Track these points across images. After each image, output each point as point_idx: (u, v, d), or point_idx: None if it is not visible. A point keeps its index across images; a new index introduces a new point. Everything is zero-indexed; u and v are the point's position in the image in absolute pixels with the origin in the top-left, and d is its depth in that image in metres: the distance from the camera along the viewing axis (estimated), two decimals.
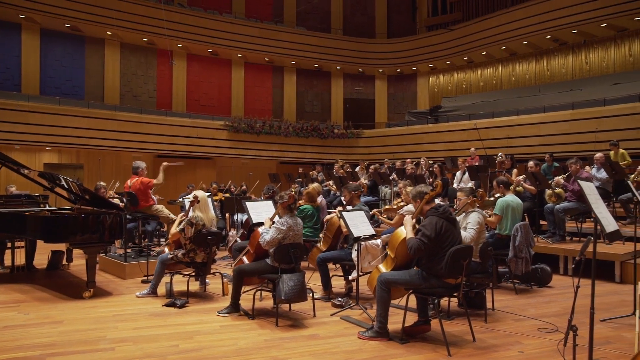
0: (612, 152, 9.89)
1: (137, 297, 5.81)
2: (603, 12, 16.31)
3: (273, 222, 5.03)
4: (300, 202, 7.73)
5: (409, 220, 4.22)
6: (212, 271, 6.10)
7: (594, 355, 3.83)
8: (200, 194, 5.77)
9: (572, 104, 15.19)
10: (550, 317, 5.05)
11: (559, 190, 7.88)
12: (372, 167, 11.81)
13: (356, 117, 22.37)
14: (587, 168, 9.19)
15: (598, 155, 9.21)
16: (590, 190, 2.94)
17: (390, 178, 10.66)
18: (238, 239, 7.42)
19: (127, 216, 7.57)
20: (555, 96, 16.68)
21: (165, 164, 7.53)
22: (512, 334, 4.49)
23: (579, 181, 2.87)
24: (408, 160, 12.70)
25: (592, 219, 8.59)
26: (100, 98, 18.84)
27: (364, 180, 11.27)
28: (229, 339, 4.33)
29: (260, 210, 5.95)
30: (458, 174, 10.63)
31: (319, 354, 3.96)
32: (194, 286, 6.35)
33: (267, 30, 21.36)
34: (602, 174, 8.90)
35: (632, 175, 8.75)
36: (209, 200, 6.50)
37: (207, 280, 6.37)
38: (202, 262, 5.71)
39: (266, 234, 4.90)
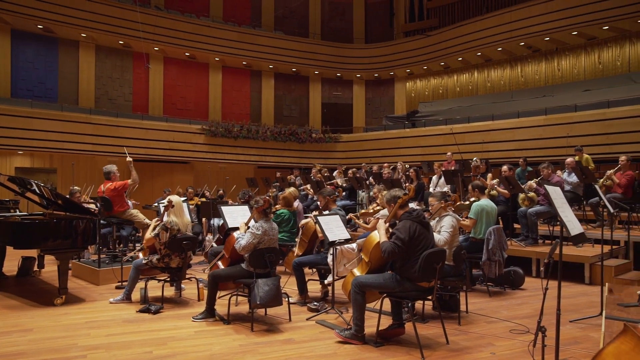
0: (576, 157, 10.12)
1: (111, 303, 5.73)
2: (574, 20, 16.71)
3: (248, 227, 5.02)
4: (277, 206, 7.73)
5: (382, 225, 4.26)
6: (187, 276, 6.06)
7: (562, 355, 3.92)
8: (175, 198, 5.72)
9: (545, 109, 15.49)
10: (522, 318, 5.15)
11: (531, 194, 8.03)
12: (349, 171, 11.86)
13: (334, 122, 22.45)
14: (559, 172, 9.40)
15: (569, 160, 9.44)
16: (556, 195, 3.01)
17: (367, 182, 10.73)
18: (214, 244, 7.37)
19: (102, 221, 7.46)
20: (529, 102, 17.01)
21: (128, 159, 7.40)
22: (485, 336, 4.55)
23: (546, 185, 2.94)
24: (385, 164, 12.80)
25: None
26: (74, 101, 18.52)
27: (339, 182, 11.32)
28: (203, 344, 4.30)
29: (236, 215, 5.93)
30: (434, 178, 10.74)
31: (294, 359, 3.96)
32: (169, 291, 6.29)
33: (245, 34, 21.31)
34: (573, 178, 9.12)
35: (601, 180, 8.97)
36: (185, 204, 6.45)
37: (182, 286, 6.31)
38: (177, 267, 5.67)
39: (241, 239, 4.89)
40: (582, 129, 14.02)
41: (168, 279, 5.82)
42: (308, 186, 11.57)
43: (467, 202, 6.40)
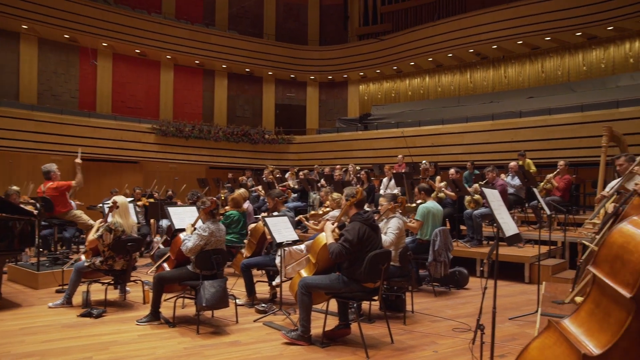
0: (520, 162, 10.54)
1: (50, 307, 5.50)
2: (519, 30, 17.41)
3: (195, 228, 4.94)
4: (226, 207, 7.65)
5: (329, 226, 4.29)
6: (132, 279, 5.91)
7: (501, 351, 4.08)
8: (119, 199, 5.56)
9: (492, 115, 16.03)
10: (464, 317, 5.30)
11: (477, 196, 8.28)
12: (301, 173, 11.88)
13: (287, 123, 22.42)
14: (503, 176, 9.74)
15: (512, 164, 9.80)
16: (493, 197, 3.13)
17: (319, 184, 10.77)
18: (161, 245, 7.21)
19: (42, 222, 7.15)
20: (477, 107, 17.57)
21: (77, 160, 7.15)
22: (429, 335, 4.66)
23: (483, 188, 3.05)
24: (338, 166, 12.89)
25: None
26: (14, 96, 17.66)
27: (291, 183, 11.33)
28: (147, 348, 4.20)
29: (184, 216, 5.83)
30: (385, 180, 10.91)
31: None
32: (113, 295, 6.10)
33: (198, 32, 20.98)
34: (516, 182, 9.48)
35: (542, 184, 9.37)
36: (131, 205, 6.29)
37: (127, 289, 6.14)
38: (121, 269, 5.51)
39: (188, 240, 4.81)
40: (526, 135, 14.60)
41: (112, 282, 5.64)
42: (259, 187, 11.51)
43: (414, 205, 6.54)
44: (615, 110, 13.34)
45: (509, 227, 3.15)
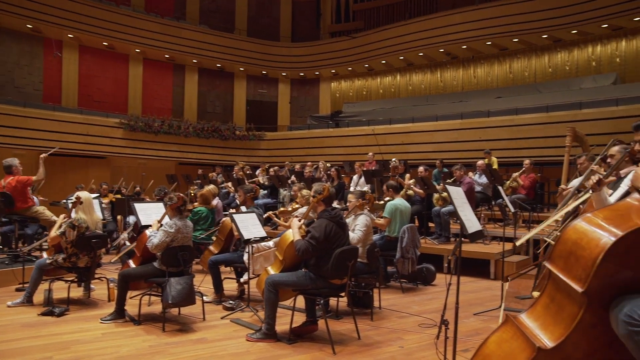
0: (486, 160, 10.74)
1: (9, 306, 5.33)
2: (488, 31, 17.71)
3: (161, 225, 4.87)
4: (195, 204, 7.58)
5: (296, 223, 4.29)
6: (97, 276, 5.79)
7: (465, 346, 4.15)
8: (83, 194, 5.44)
9: (461, 114, 16.28)
10: (431, 313, 5.38)
11: (445, 194, 8.40)
12: (271, 169, 11.84)
13: (258, 120, 22.31)
14: (471, 174, 9.91)
15: (480, 162, 9.99)
16: (456, 195, 3.19)
17: (289, 181, 10.76)
18: (127, 242, 7.09)
19: (3, 219, 6.94)
20: (447, 106, 17.82)
21: (43, 155, 6.98)
22: (395, 331, 4.72)
23: (447, 186, 3.10)
24: (309, 163, 12.90)
25: None
26: None
27: (261, 180, 11.28)
28: (110, 346, 4.13)
29: (150, 212, 5.74)
30: (355, 177, 10.96)
31: (205, 358, 3.90)
32: (78, 293, 5.97)
33: (168, 26, 20.64)
34: (483, 180, 9.66)
35: (508, 182, 9.58)
36: (96, 201, 6.16)
37: (92, 286, 6.01)
38: (85, 267, 5.39)
39: (154, 237, 4.74)
40: (494, 134, 14.88)
41: (75, 280, 5.52)
42: (229, 184, 11.43)
43: (382, 202, 6.59)
44: (578, 112, 13.72)
45: (472, 224, 3.21)
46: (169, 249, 4.68)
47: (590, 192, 2.77)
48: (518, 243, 4.31)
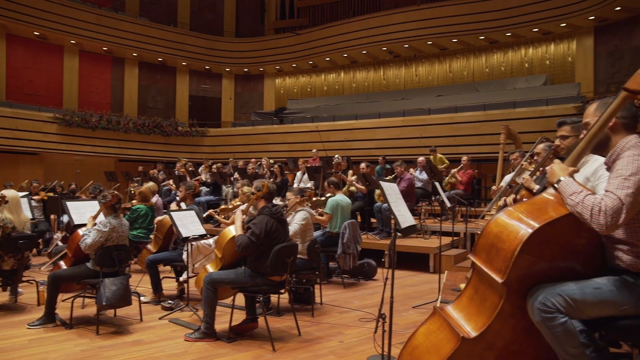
0: (431, 157, 11.04)
1: None
2: (428, 31, 18.21)
3: (95, 223, 4.69)
4: (133, 201, 7.36)
5: (239, 215, 4.25)
6: (25, 279, 5.50)
7: (403, 339, 4.23)
8: (9, 193, 5.16)
9: (403, 111, 16.66)
10: (371, 307, 5.46)
11: None
12: (214, 166, 11.67)
13: (202, 115, 21.90)
14: (412, 170, 10.16)
15: (420, 159, 10.24)
16: (390, 190, 3.26)
17: (232, 178, 10.64)
18: (59, 242, 6.79)
19: None
20: (390, 103, 18.17)
21: None
22: (336, 326, 4.76)
23: (380, 182, 3.17)
24: (253, 160, 12.80)
25: (415, 216, 9.45)
26: None
27: (204, 177, 11.10)
28: (38, 353, 3.94)
29: (84, 211, 5.50)
30: (298, 174, 10.98)
31: None
32: (3, 297, 5.65)
33: (106, 17, 19.86)
34: (424, 176, 9.92)
35: (447, 178, 9.88)
36: (24, 200, 5.86)
37: (19, 290, 5.70)
38: (11, 269, 5.11)
39: (87, 237, 4.55)
40: (434, 131, 15.32)
41: (0, 284, 5.22)
42: (171, 181, 11.17)
43: (324, 198, 6.65)
44: (512, 110, 14.36)
45: (406, 219, 3.30)
46: (103, 248, 4.52)
47: (522, 187, 2.90)
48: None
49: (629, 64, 15.09)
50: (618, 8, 14.72)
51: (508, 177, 6.14)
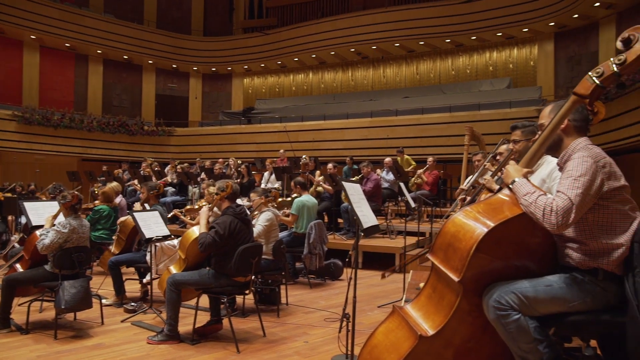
0: (398, 158, 11.16)
1: None
2: (396, 33, 18.44)
3: (55, 224, 4.57)
4: (96, 202, 7.20)
5: (205, 212, 4.21)
6: None
7: (366, 338, 4.28)
8: None
9: (370, 112, 16.80)
10: (337, 307, 5.49)
11: None
12: (179, 166, 11.52)
13: (168, 115, 21.55)
14: (379, 171, 10.25)
15: (387, 159, 10.34)
16: (353, 191, 3.29)
17: (199, 178, 10.53)
18: (16, 245, 6.57)
19: None
20: (358, 104, 18.29)
21: None
22: (301, 326, 4.77)
23: (343, 183, 3.19)
24: (220, 160, 12.69)
25: (381, 216, 9.53)
26: None
27: (169, 178, 10.95)
28: None
29: (43, 212, 5.34)
30: (266, 174, 10.95)
31: None
32: None
33: (69, 13, 19.30)
34: (390, 176, 10.02)
35: (413, 178, 10.01)
36: None
37: None
38: None
39: (45, 237, 4.43)
40: (401, 132, 15.49)
41: None
42: (136, 181, 10.97)
43: (289, 199, 6.64)
44: (477, 112, 14.66)
45: (368, 219, 3.33)
46: (62, 250, 4.40)
47: (484, 188, 2.96)
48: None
49: (586, 69, 15.24)
50: (576, 15, 15.24)
51: (470, 178, 6.26)
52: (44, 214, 5.27)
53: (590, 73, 2.03)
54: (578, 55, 16.10)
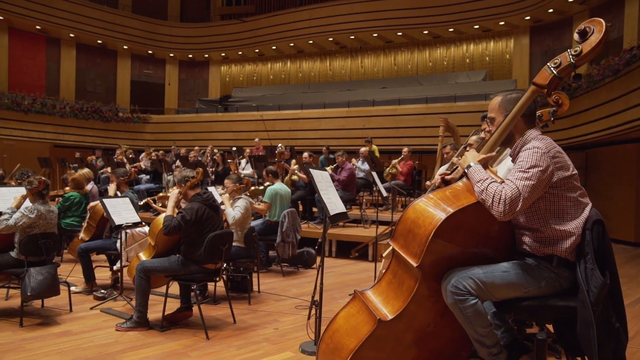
0: (367, 148, 11.22)
1: None
2: (373, 24, 18.42)
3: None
4: (67, 188, 7.09)
5: (174, 195, 4.20)
6: None
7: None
8: None
9: (347, 102, 16.82)
10: (308, 295, 5.49)
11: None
12: (154, 154, 11.39)
13: (144, 101, 21.21)
14: (354, 160, 10.30)
15: (362, 149, 10.39)
16: (321, 178, 3.32)
17: (174, 166, 10.43)
18: None
19: None
20: (335, 94, 18.28)
21: None
22: (272, 313, 4.80)
23: (310, 170, 3.21)
24: (196, 148, 12.59)
25: (356, 205, 9.59)
26: None
27: (143, 165, 10.83)
28: None
29: (9, 198, 5.25)
30: (243, 162, 10.92)
31: (68, 351, 3.69)
32: None
33: None
34: (365, 166, 10.08)
35: (387, 168, 10.09)
36: None
37: None
38: None
39: (10, 218, 4.34)
40: (378, 122, 15.56)
41: None
42: (108, 169, 10.82)
43: (262, 187, 6.64)
44: (453, 104, 14.80)
45: (336, 206, 3.36)
46: (29, 236, 4.33)
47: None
48: (384, 254, 4.52)
49: None
50: (551, 10, 15.46)
51: (441, 170, 6.35)
52: (10, 200, 5.17)
53: (548, 64, 2.08)
54: (552, 49, 16.35)
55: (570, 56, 2.01)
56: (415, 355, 2.14)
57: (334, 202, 3.34)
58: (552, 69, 2.05)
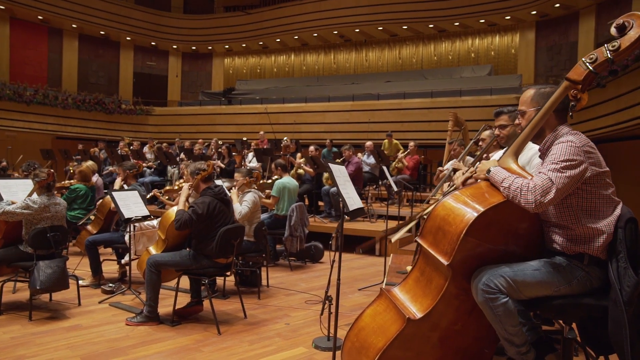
0: (386, 142, 11.14)
1: None
2: (379, 17, 18.29)
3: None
4: (72, 181, 7.04)
5: (185, 191, 4.14)
6: None
7: (348, 320, 4.29)
8: None
9: (352, 95, 16.74)
10: (318, 290, 5.49)
11: None
12: (156, 146, 11.34)
13: (147, 93, 21.12)
14: (360, 154, 10.24)
15: (368, 143, 10.35)
16: (339, 173, 3.26)
17: (178, 158, 10.38)
18: None
19: None
20: (339, 87, 18.20)
21: None
22: (282, 308, 4.76)
23: (330, 165, 3.16)
24: (200, 140, 12.52)
25: (362, 200, 9.55)
26: None
27: (148, 157, 10.78)
28: None
29: (16, 190, 5.18)
30: (250, 155, 10.86)
31: (79, 346, 3.65)
32: None
33: None
34: (371, 160, 10.03)
35: (394, 163, 10.03)
36: None
37: None
38: None
39: (13, 205, 4.29)
40: (382, 116, 15.49)
41: None
42: (115, 168, 10.78)
43: (270, 181, 6.59)
44: (458, 98, 14.72)
45: (354, 201, 3.31)
46: (37, 229, 4.28)
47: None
48: (393, 239, 4.51)
49: (566, 58, 15.83)
50: (557, 5, 15.35)
51: (451, 163, 6.29)
52: (17, 192, 5.11)
53: (583, 59, 2.01)
54: (558, 44, 16.24)
55: (608, 51, 1.94)
56: (441, 354, 2.09)
57: (352, 197, 3.29)
58: (587, 64, 1.99)
